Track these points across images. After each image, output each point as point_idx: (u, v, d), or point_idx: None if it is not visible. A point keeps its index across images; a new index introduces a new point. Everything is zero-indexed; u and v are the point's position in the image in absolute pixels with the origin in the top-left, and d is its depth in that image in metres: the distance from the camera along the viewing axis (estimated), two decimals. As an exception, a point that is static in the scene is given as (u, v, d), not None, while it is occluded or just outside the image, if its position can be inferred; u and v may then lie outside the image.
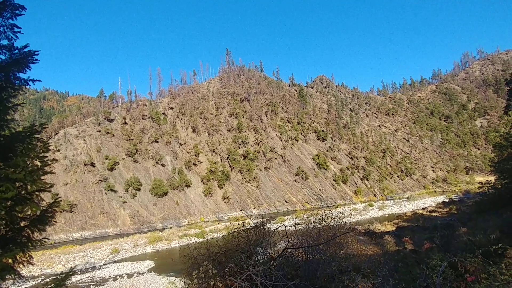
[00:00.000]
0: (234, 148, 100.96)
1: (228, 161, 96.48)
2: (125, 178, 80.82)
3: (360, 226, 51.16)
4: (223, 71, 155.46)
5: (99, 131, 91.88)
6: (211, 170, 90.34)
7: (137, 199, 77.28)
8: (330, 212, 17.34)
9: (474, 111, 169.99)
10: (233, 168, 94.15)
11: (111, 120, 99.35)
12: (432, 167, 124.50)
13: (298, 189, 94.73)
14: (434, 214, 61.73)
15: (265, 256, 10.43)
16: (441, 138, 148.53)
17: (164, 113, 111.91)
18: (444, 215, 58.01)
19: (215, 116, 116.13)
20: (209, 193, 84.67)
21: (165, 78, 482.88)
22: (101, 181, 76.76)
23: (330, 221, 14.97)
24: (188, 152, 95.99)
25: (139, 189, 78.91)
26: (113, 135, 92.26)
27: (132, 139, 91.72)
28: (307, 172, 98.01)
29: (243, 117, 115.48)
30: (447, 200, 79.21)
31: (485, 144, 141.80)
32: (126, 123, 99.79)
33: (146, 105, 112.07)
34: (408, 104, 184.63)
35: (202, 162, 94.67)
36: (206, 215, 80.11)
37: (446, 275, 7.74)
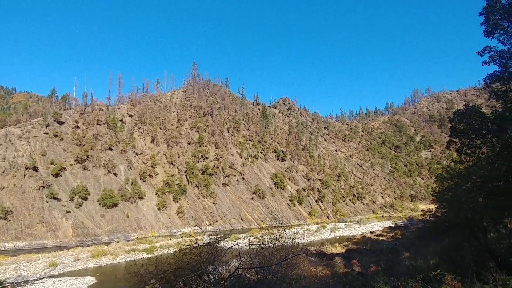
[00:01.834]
0: (193, 162, 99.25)
1: (185, 175, 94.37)
2: (72, 186, 75.57)
3: (312, 247, 52.08)
4: (188, 83, 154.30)
5: (47, 133, 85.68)
6: (167, 183, 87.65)
7: (83, 209, 72.36)
8: (284, 232, 17.55)
9: (420, 144, 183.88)
10: (191, 182, 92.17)
11: (61, 123, 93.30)
12: (381, 193, 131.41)
13: (254, 207, 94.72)
14: (381, 238, 64.72)
15: (217, 275, 10.24)
16: (390, 166, 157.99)
17: (121, 120, 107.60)
18: (390, 240, 61.04)
19: (176, 128, 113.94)
20: (163, 207, 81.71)
21: (126, 85, 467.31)
22: (43, 187, 70.96)
23: (284, 241, 15.15)
24: (144, 163, 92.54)
25: (86, 199, 74.05)
26: (62, 139, 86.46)
27: (83, 145, 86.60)
28: (264, 191, 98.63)
29: (204, 131, 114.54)
30: (393, 225, 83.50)
31: (429, 175, 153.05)
32: (78, 127, 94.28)
33: (102, 110, 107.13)
34: (363, 132, 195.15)
35: (158, 174, 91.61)
36: (158, 229, 76.95)
37: (389, 299, 8.15)
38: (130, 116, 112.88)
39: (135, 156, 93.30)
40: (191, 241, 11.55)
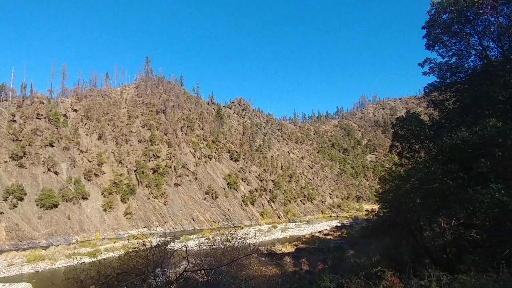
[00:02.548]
0: (144, 160, 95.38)
1: (135, 174, 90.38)
2: (6, 184, 68.57)
3: (263, 247, 52.78)
4: (141, 79, 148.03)
5: (-23, 126, 77.05)
6: (115, 183, 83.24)
7: (18, 210, 66.03)
8: (236, 232, 17.57)
9: (366, 147, 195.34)
10: (141, 182, 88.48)
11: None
12: (330, 194, 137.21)
13: (207, 207, 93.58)
14: (328, 237, 67.54)
15: (164, 278, 9.94)
16: (338, 168, 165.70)
17: (65, 115, 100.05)
18: (336, 238, 63.92)
19: (126, 125, 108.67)
20: (109, 208, 77.41)
21: (71, 77, 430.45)
22: (-29, 186, 63.69)
23: (235, 241, 15.17)
24: (89, 161, 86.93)
25: (22, 199, 67.66)
26: (-4, 133, 78.26)
27: (20, 140, 79.06)
28: (217, 191, 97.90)
29: (157, 130, 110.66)
30: (339, 225, 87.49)
31: (373, 177, 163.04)
32: (14, 121, 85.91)
33: (43, 103, 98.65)
34: (314, 134, 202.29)
35: (105, 173, 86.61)
36: (103, 232, 72.74)
37: (335, 296, 8.46)
38: (75, 110, 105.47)
39: (79, 154, 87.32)
40: (138, 243, 11.05)
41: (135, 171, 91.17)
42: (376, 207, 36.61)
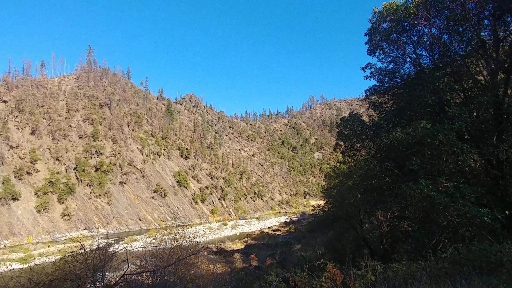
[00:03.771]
0: (85, 158, 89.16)
1: (75, 172, 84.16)
2: None
3: (213, 245, 52.63)
4: (82, 70, 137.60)
5: None
6: (51, 181, 76.73)
7: None
8: (183, 231, 17.26)
9: (313, 145, 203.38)
10: (81, 180, 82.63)
11: None
12: (279, 190, 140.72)
13: (155, 206, 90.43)
14: (277, 232, 69.33)
15: (104, 283, 9.45)
16: (288, 166, 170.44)
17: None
18: (285, 234, 65.85)
19: (65, 119, 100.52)
20: (44, 209, 71.18)
21: (0, 64, 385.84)
22: None
23: (183, 241, 14.89)
24: (21, 158, 79.03)
25: None
26: None
27: None
28: (166, 189, 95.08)
29: (100, 125, 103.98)
30: (288, 220, 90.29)
31: (319, 174, 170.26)
32: None
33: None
34: (265, 132, 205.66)
35: (39, 171, 79.42)
36: (37, 235, 66.77)
37: (279, 289, 8.71)
38: (4, 102, 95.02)
39: (8, 150, 78.92)
40: (76, 246, 10.32)
41: (74, 169, 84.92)
42: (322, 202, 38.32)
